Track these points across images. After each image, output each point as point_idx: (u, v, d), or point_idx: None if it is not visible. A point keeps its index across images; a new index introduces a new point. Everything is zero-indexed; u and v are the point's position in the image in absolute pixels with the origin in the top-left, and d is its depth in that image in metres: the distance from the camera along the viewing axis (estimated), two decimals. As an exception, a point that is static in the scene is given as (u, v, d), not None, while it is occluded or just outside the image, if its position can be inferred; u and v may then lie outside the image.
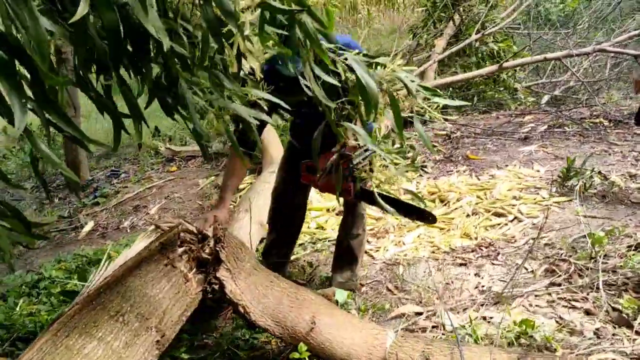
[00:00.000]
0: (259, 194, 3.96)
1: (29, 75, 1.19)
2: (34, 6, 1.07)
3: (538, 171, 4.49)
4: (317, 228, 3.90)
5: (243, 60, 1.55)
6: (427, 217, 2.72)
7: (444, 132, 5.90)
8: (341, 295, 2.92)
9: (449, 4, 7.01)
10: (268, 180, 3.97)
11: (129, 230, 4.67)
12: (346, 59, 1.77)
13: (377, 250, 3.48)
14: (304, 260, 3.44)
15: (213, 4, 1.28)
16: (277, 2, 1.35)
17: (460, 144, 5.47)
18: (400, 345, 2.10)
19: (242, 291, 2.11)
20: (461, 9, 6.97)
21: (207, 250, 2.21)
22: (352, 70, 1.70)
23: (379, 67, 1.87)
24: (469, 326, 2.46)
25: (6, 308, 3.15)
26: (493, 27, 6.55)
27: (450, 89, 6.71)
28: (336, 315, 2.21)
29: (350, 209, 3.02)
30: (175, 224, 2.16)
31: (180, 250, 2.13)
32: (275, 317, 2.13)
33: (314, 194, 4.12)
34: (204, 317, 2.68)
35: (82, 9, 1.10)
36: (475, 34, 6.49)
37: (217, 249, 2.13)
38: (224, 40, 1.41)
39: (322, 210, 4.11)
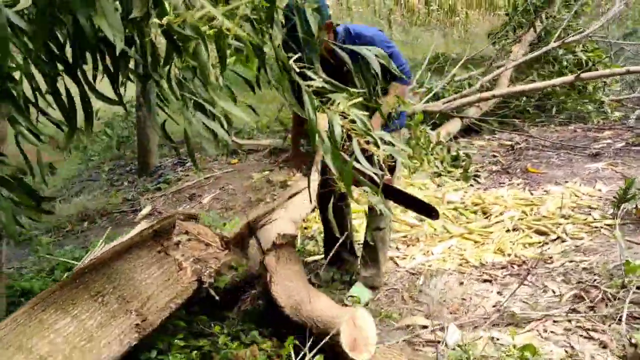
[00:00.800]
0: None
1: None
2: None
3: (599, 190, 4.21)
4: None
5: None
6: (430, 212, 2.67)
7: (510, 143, 5.66)
8: (363, 293, 2.97)
9: (530, 9, 6.70)
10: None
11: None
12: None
13: (404, 258, 3.41)
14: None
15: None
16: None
17: (522, 156, 5.22)
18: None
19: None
20: (543, 15, 6.64)
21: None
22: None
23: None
24: (469, 345, 2.37)
25: (51, 280, 3.38)
26: (574, 34, 6.19)
27: (525, 98, 6.42)
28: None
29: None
30: (171, 215, 2.23)
31: (176, 239, 2.20)
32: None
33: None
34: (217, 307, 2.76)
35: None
36: (555, 41, 6.16)
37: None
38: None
39: (359, 213, 4.08)
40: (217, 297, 2.37)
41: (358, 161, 1.87)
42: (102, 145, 7.88)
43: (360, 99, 1.91)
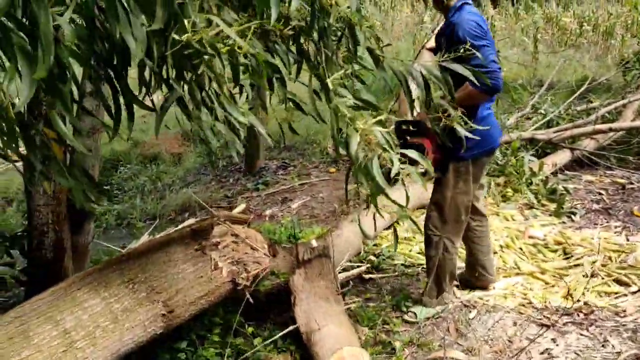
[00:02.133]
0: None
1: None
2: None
3: None
4: (418, 252, 3.83)
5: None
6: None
7: (622, 181, 5.23)
8: (421, 311, 3.04)
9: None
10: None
11: (267, 219, 5.09)
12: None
13: (463, 289, 3.31)
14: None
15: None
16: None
17: (631, 197, 4.81)
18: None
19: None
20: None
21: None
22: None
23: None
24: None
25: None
26: None
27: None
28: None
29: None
30: (213, 217, 2.39)
31: (214, 240, 2.36)
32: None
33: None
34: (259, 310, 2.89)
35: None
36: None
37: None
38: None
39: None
40: (251, 300, 2.49)
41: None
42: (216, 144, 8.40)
43: (384, 116, 1.94)
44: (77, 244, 3.26)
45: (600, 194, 4.91)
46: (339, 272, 3.41)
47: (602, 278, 3.34)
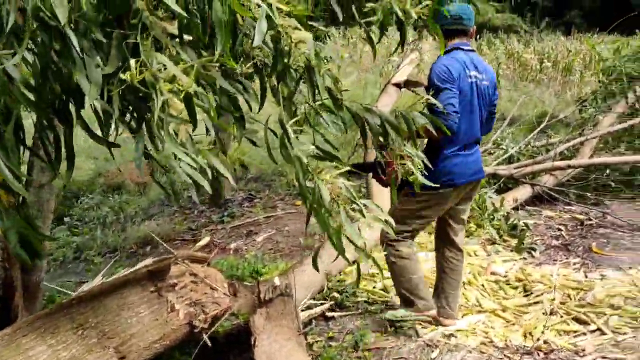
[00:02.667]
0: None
1: None
2: None
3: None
4: (381, 289, 3.81)
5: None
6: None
7: (582, 217, 5.34)
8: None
9: (624, 79, 6.35)
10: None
11: (231, 253, 5.03)
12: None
13: (425, 327, 3.30)
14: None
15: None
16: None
17: (590, 234, 4.91)
18: None
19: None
20: (637, 88, 6.27)
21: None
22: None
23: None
24: None
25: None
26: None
27: (608, 170, 6.04)
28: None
29: None
30: (170, 257, 2.34)
31: (171, 282, 2.30)
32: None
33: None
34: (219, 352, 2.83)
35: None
36: (644, 114, 5.80)
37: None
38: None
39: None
40: (209, 343, 2.43)
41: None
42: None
43: (346, 168, 1.95)
44: (28, 282, 3.16)
45: (559, 229, 5.00)
46: (302, 310, 3.37)
47: (561, 316, 3.37)
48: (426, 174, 2.35)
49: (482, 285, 3.79)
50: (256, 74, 2.22)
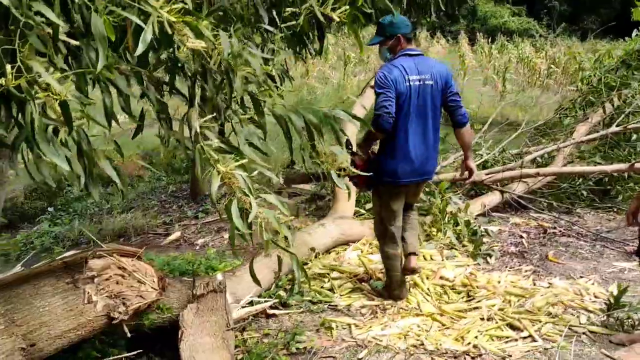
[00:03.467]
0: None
1: None
2: None
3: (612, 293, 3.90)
4: (329, 289, 3.89)
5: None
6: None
7: (547, 225, 5.38)
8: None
9: (602, 89, 6.36)
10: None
11: (198, 248, 5.13)
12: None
13: (361, 328, 3.38)
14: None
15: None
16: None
17: (550, 242, 4.95)
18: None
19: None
20: (616, 97, 6.28)
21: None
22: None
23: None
24: None
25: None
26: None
27: (580, 179, 6.07)
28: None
29: None
30: (86, 250, 2.43)
31: (90, 274, 2.40)
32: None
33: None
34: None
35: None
36: (617, 125, 5.82)
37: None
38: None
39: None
40: (128, 334, 2.53)
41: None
42: (176, 167, 8.47)
43: (245, 160, 2.05)
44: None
45: (521, 237, 5.05)
46: (243, 307, 3.46)
47: (497, 322, 3.43)
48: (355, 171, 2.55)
49: (428, 289, 3.85)
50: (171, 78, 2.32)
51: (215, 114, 2.29)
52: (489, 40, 22.60)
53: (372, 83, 6.49)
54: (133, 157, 6.78)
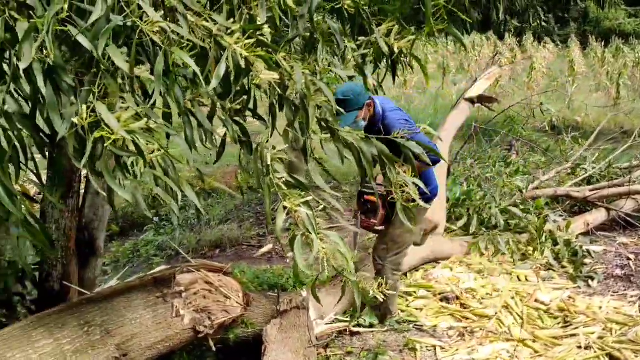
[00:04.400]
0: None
1: None
2: None
3: None
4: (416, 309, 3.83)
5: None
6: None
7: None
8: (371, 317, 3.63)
9: None
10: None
11: (288, 261, 5.23)
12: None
13: (447, 351, 3.29)
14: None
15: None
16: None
17: (666, 264, 4.56)
18: None
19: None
20: None
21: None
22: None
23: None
24: None
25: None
26: None
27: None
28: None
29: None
30: (175, 266, 2.56)
31: (178, 289, 2.52)
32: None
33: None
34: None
35: None
36: None
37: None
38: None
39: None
40: (213, 348, 2.63)
41: None
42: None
43: (310, 197, 2.07)
44: (84, 278, 3.52)
45: (628, 259, 4.69)
46: (329, 323, 3.49)
47: (595, 351, 3.21)
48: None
49: (521, 313, 3.68)
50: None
51: (289, 145, 2.33)
52: (602, 44, 21.33)
53: (467, 95, 6.36)
54: (212, 181, 7.11)
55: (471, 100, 6.26)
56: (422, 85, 15.52)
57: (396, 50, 2.19)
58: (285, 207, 2.04)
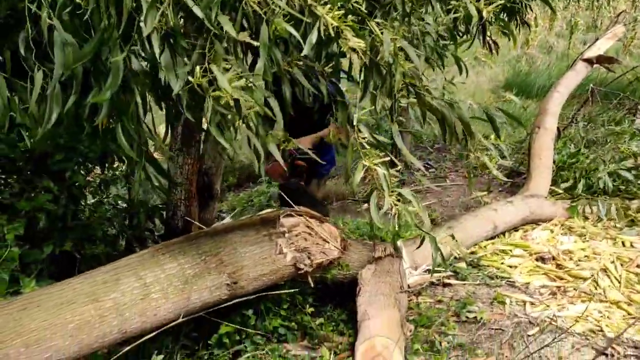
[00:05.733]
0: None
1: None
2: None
3: None
4: (509, 266, 3.91)
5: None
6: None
7: None
8: None
9: None
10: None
11: (389, 217, 5.43)
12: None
13: (537, 306, 3.36)
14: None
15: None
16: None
17: None
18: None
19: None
20: None
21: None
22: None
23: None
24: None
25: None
26: None
27: None
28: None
29: None
30: (280, 211, 2.86)
31: (282, 229, 2.84)
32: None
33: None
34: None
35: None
36: None
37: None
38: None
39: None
40: (312, 284, 2.94)
41: None
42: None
43: (387, 159, 2.26)
44: (203, 218, 3.96)
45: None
46: (422, 273, 3.69)
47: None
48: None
49: (619, 276, 3.65)
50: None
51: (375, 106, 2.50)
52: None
53: (585, 55, 6.10)
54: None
55: (589, 61, 6.01)
56: (546, 44, 14.75)
57: (485, 15, 2.28)
58: (364, 165, 2.25)
